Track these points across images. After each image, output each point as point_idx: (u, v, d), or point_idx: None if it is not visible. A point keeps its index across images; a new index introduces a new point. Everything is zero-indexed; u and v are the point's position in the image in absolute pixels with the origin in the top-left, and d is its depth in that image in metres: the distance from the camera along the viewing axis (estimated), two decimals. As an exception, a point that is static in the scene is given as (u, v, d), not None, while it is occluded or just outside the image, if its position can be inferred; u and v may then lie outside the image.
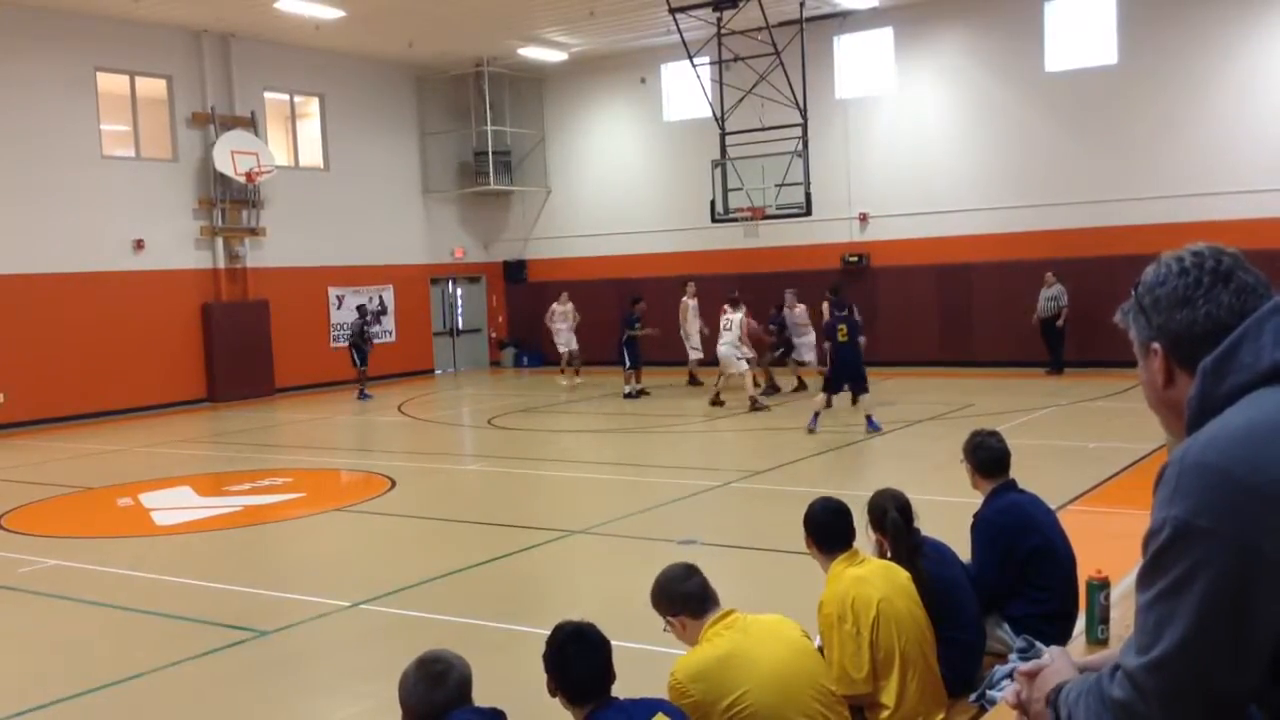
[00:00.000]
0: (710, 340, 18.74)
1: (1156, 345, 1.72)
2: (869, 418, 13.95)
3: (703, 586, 3.82)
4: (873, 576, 4.13)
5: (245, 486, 12.39)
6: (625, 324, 19.37)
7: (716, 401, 17.27)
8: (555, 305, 22.03)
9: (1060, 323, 19.25)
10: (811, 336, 18.25)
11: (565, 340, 21.69)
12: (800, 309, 18.35)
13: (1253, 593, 1.46)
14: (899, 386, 19.17)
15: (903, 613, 4.09)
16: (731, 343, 16.97)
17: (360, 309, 21.72)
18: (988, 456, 4.94)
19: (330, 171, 23.66)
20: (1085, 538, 5.61)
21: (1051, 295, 19.33)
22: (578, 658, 3.22)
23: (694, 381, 20.05)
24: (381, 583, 8.03)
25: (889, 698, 4.03)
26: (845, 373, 14.01)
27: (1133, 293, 1.78)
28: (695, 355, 19.90)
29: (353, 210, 23.72)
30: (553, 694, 3.25)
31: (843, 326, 14.14)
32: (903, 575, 4.27)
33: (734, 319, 17.14)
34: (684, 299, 19.77)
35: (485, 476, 13.26)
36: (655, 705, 3.27)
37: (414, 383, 23.92)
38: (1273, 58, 18.71)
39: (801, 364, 18.72)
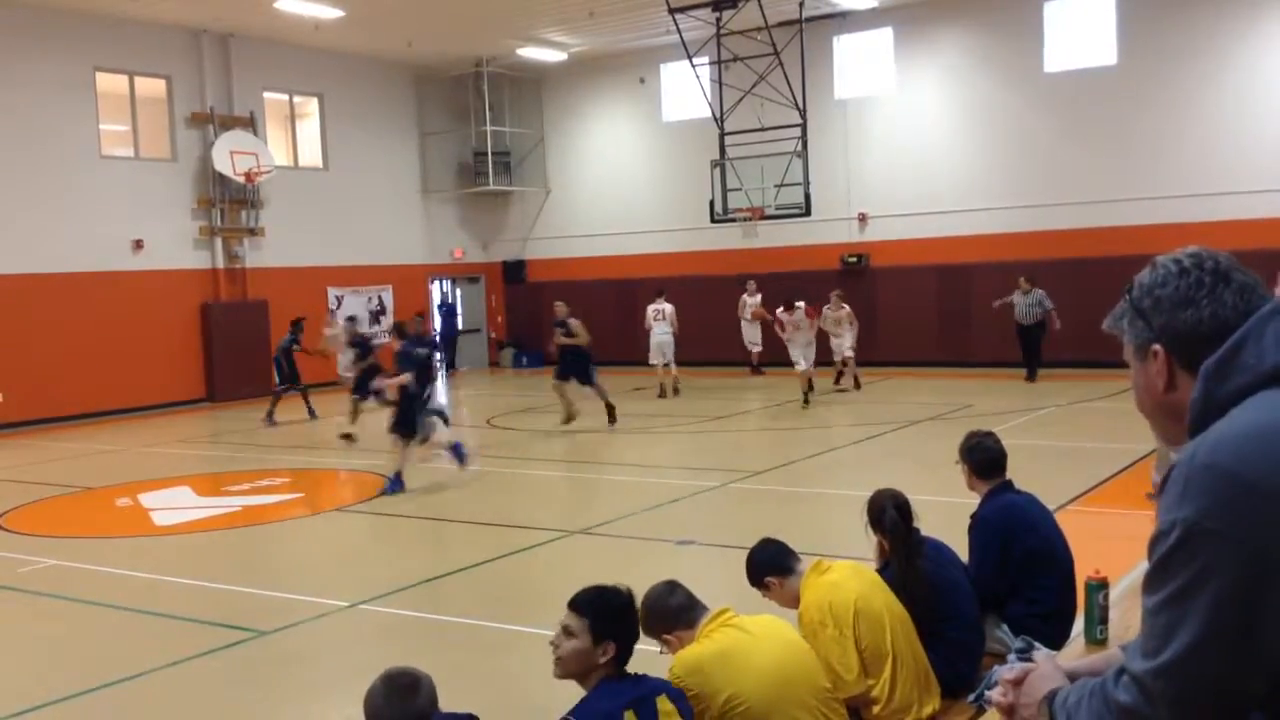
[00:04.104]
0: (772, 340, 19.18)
1: (1157, 347, 1.70)
2: (455, 446, 12.12)
3: (688, 597, 3.87)
4: (844, 579, 4.17)
5: (244, 487, 12.38)
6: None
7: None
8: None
9: (1057, 326, 18.41)
10: (848, 338, 18.42)
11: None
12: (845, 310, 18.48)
13: (1263, 596, 1.44)
14: (897, 386, 19.18)
15: (880, 607, 4.12)
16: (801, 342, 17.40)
17: (295, 322, 18.14)
18: (984, 457, 4.94)
19: (329, 171, 23.66)
20: (1084, 538, 5.61)
21: (1034, 300, 18.53)
22: (634, 624, 3.40)
23: (757, 371, 20.84)
24: (380, 583, 8.03)
25: (880, 692, 4.05)
26: (415, 408, 11.87)
27: (1125, 296, 1.76)
28: (756, 349, 20.87)
29: (352, 210, 23.72)
30: (601, 651, 3.28)
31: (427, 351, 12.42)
32: (871, 573, 4.33)
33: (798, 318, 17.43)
34: (744, 296, 20.43)
35: (484, 476, 13.24)
36: (660, 686, 3.34)
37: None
38: (1271, 59, 18.72)
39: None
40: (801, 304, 17.53)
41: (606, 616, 3.29)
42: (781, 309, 17.74)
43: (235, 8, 19.56)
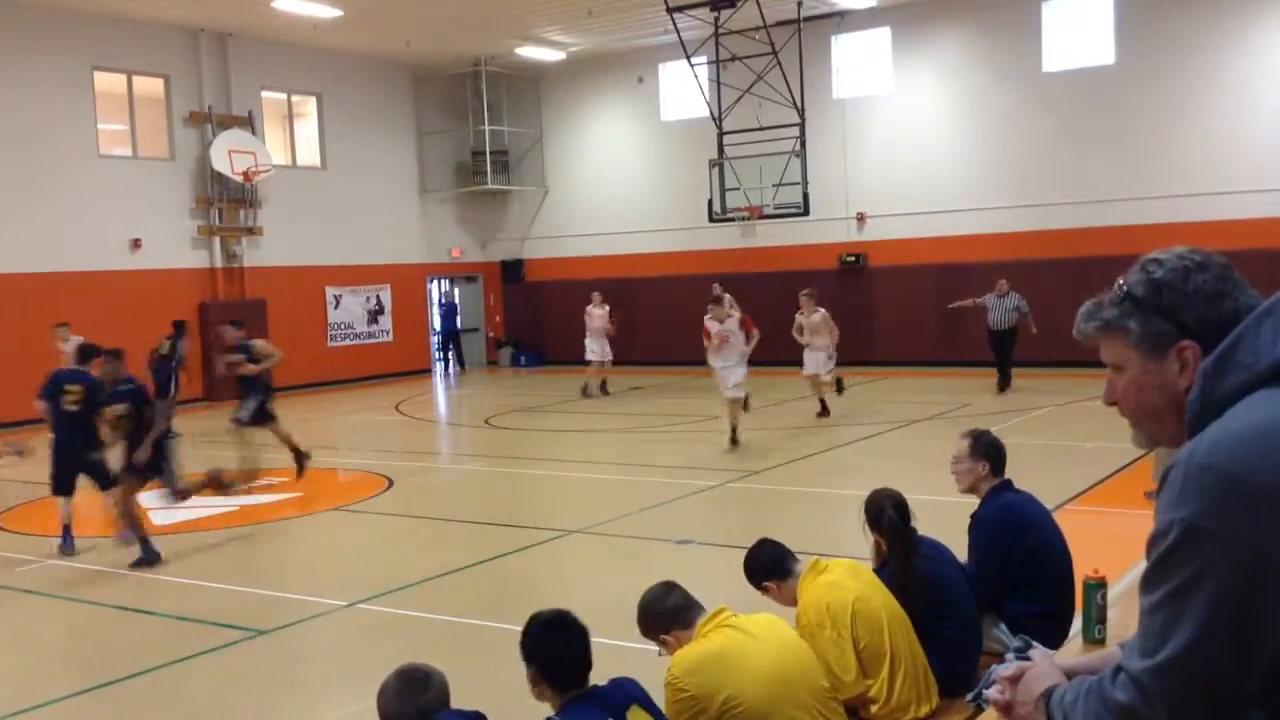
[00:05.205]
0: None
1: (1188, 343, 1.67)
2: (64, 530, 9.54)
3: (685, 598, 3.87)
4: (843, 579, 4.16)
5: (241, 486, 12.33)
6: None
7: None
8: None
9: (1033, 330, 17.42)
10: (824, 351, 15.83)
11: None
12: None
13: (1260, 595, 1.45)
14: (895, 386, 19.18)
15: (878, 608, 4.12)
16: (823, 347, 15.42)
17: (179, 324, 14.40)
18: (998, 455, 4.95)
19: (327, 171, 23.65)
20: (1082, 537, 5.61)
21: (1011, 305, 17.74)
22: (558, 644, 3.27)
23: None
24: (378, 582, 8.03)
25: (878, 692, 4.06)
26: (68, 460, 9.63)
27: (1127, 297, 1.73)
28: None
29: (350, 210, 23.71)
30: (535, 684, 3.27)
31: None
32: (869, 572, 4.32)
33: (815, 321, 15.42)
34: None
35: (482, 476, 13.26)
36: (629, 693, 3.29)
37: (411, 382, 23.91)
38: (1269, 58, 18.74)
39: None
40: (735, 312, 14.39)
41: (524, 652, 3.31)
42: (710, 316, 14.06)
43: (233, 7, 19.55)
